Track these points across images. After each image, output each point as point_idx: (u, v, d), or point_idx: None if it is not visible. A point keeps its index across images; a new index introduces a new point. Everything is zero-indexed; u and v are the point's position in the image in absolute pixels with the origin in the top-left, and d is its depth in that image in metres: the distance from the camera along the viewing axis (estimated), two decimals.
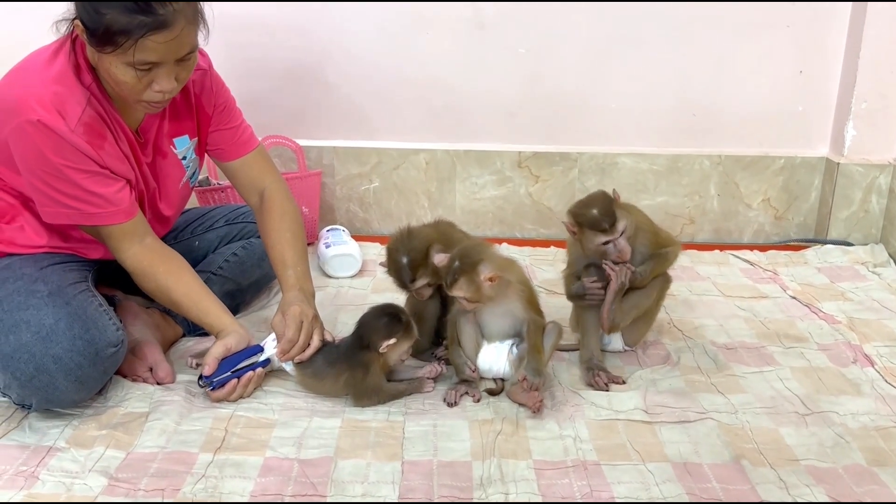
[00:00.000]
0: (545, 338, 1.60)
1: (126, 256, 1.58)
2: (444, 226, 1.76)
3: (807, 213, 2.66)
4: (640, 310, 1.71)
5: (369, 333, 1.55)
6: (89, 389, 1.46)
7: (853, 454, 1.40)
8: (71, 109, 1.44)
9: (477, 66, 2.55)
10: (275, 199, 1.77)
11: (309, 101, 2.59)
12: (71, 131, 1.43)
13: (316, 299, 1.67)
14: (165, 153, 1.69)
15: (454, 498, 1.27)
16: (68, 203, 1.49)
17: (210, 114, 1.74)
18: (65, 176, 1.46)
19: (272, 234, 1.74)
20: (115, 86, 1.46)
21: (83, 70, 1.48)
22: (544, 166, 2.62)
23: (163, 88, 1.44)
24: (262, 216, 1.77)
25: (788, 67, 2.54)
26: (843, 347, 1.82)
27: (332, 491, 1.29)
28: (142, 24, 1.34)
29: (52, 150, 1.43)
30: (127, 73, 1.41)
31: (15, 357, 1.39)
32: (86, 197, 1.49)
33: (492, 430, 1.46)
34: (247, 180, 1.80)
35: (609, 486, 1.30)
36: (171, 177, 1.72)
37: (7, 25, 2.44)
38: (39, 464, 1.34)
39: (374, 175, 2.64)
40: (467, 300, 1.54)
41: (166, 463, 1.35)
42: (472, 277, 1.51)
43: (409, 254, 1.62)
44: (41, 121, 1.40)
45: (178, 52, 1.42)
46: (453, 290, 1.53)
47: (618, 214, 1.61)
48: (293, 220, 1.77)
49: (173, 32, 1.37)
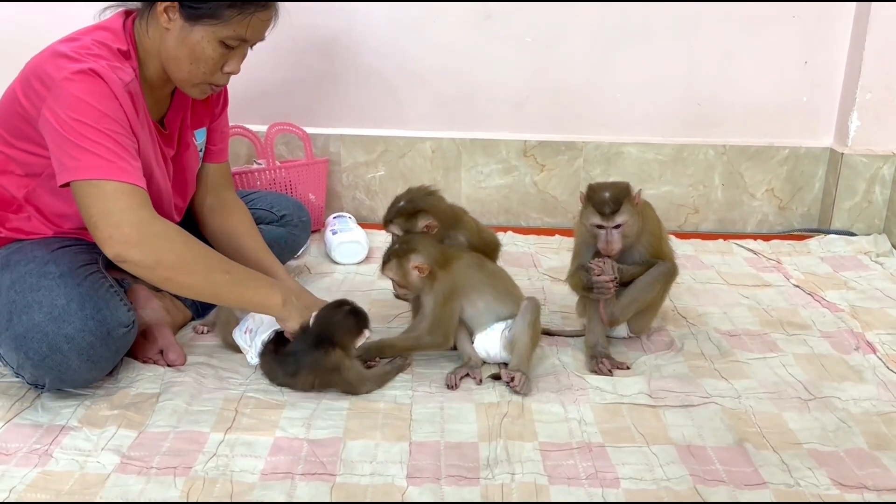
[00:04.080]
0: (521, 317, 1.62)
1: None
2: (458, 210, 1.77)
3: (810, 204, 2.67)
4: (642, 303, 1.71)
5: (339, 335, 1.52)
6: (101, 369, 1.48)
7: (855, 438, 1.42)
8: (121, 75, 1.46)
9: (484, 56, 2.56)
10: (239, 204, 1.86)
11: (316, 89, 2.60)
12: (122, 87, 1.44)
13: (323, 285, 1.70)
14: (188, 144, 1.73)
15: (461, 477, 1.29)
16: (97, 151, 1.39)
17: (217, 111, 1.80)
18: (101, 126, 1.39)
19: (243, 228, 1.81)
20: (189, 63, 1.51)
21: (131, 55, 1.52)
22: (550, 155, 2.63)
23: (233, 69, 1.55)
24: (226, 214, 1.83)
25: (793, 58, 2.55)
26: (845, 335, 1.83)
27: (342, 470, 1.31)
28: (253, 1, 1.48)
29: (97, 97, 1.40)
30: (216, 49, 1.50)
31: (28, 337, 1.40)
32: (114, 148, 1.41)
33: (498, 413, 1.48)
34: (214, 183, 1.85)
35: (614, 468, 1.32)
36: (190, 168, 1.76)
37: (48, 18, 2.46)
38: (53, 442, 1.36)
39: (381, 163, 2.66)
40: (397, 284, 1.62)
41: (178, 442, 1.37)
42: (402, 263, 1.59)
43: (408, 203, 1.68)
44: (95, 70, 1.40)
45: (263, 33, 1.55)
46: (384, 271, 1.62)
47: (623, 209, 1.61)
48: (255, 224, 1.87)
49: (270, 13, 1.53)
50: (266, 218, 2.03)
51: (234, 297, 1.54)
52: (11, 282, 1.48)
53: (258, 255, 1.77)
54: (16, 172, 1.55)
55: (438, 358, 1.70)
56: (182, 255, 1.43)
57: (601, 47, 2.55)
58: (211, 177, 1.84)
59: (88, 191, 1.38)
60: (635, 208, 1.64)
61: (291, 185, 2.43)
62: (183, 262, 1.43)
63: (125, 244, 1.37)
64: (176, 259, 1.42)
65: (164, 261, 1.41)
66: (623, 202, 1.62)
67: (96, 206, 1.38)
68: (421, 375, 1.63)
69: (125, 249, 1.38)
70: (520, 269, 2.25)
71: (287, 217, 2.09)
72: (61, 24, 1.63)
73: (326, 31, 2.52)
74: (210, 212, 1.83)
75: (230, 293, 1.51)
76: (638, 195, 1.65)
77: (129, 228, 1.37)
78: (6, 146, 1.53)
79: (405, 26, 2.53)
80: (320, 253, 2.36)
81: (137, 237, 1.38)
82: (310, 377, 1.52)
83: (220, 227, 1.82)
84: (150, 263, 1.40)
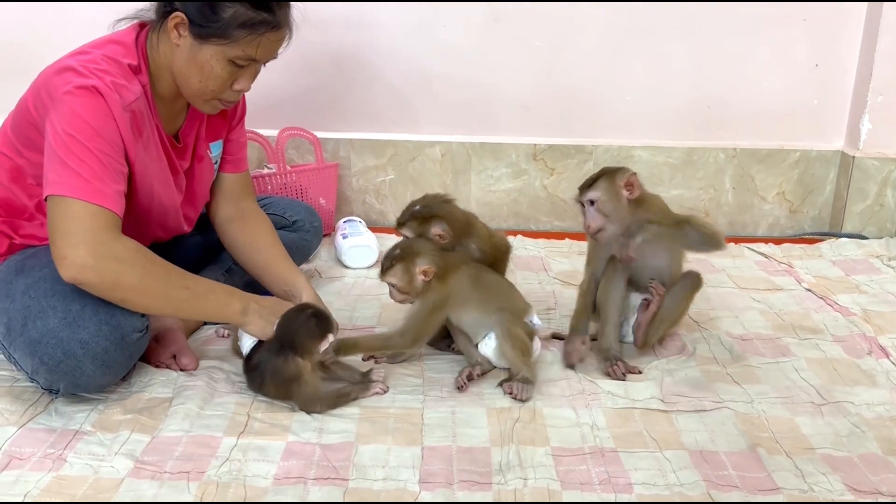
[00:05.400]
0: (497, 333, 1.61)
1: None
2: (471, 216, 1.77)
3: (822, 207, 2.66)
4: (671, 322, 1.74)
5: (302, 340, 1.48)
6: (115, 374, 1.49)
7: (868, 443, 1.41)
8: (125, 94, 1.46)
9: (492, 60, 2.56)
10: (259, 214, 1.86)
11: (326, 94, 2.60)
12: (122, 107, 1.44)
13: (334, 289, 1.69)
14: (202, 157, 1.73)
15: (473, 482, 1.29)
16: (79, 170, 1.38)
17: (233, 123, 1.80)
18: (91, 144, 1.39)
19: (262, 238, 1.80)
20: (198, 81, 1.51)
21: (141, 70, 1.52)
22: (559, 159, 2.63)
23: (243, 87, 1.55)
24: (244, 224, 1.82)
25: (804, 61, 2.55)
26: (858, 339, 1.83)
27: (354, 475, 1.31)
28: (264, 22, 1.47)
29: (94, 115, 1.40)
30: (225, 68, 1.50)
31: (43, 342, 1.41)
32: (98, 169, 1.40)
33: (509, 418, 1.48)
34: (231, 193, 1.84)
35: (626, 473, 1.32)
36: (202, 180, 1.76)
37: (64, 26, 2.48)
38: (66, 447, 1.37)
39: (390, 167, 2.66)
40: (398, 290, 1.59)
41: (191, 446, 1.37)
42: (408, 267, 1.57)
43: (424, 207, 1.68)
44: (96, 87, 1.41)
45: (274, 53, 1.55)
46: (386, 276, 1.58)
47: (599, 185, 1.63)
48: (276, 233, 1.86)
49: (282, 34, 1.53)
50: (278, 223, 2.03)
51: (195, 312, 1.56)
52: (26, 287, 1.48)
53: (277, 265, 1.77)
54: (27, 181, 1.56)
55: (449, 362, 1.70)
56: (140, 276, 1.42)
57: (610, 50, 2.55)
58: (228, 187, 1.84)
59: (58, 207, 1.38)
60: (617, 189, 1.63)
61: (302, 189, 2.44)
62: (141, 283, 1.42)
63: (80, 267, 1.36)
64: (135, 281, 1.41)
65: (122, 283, 1.40)
66: (600, 180, 1.64)
67: (59, 225, 1.38)
68: (431, 380, 1.63)
69: (80, 272, 1.36)
70: (530, 272, 2.25)
71: (299, 222, 2.10)
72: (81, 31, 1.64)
73: (336, 37, 2.53)
74: (228, 221, 1.83)
75: (190, 309, 1.52)
76: (629, 178, 1.63)
77: (84, 250, 1.36)
78: (17, 155, 1.54)
79: (413, 30, 2.53)
80: (331, 257, 2.37)
81: (93, 260, 1.36)
82: (272, 387, 1.50)
83: (238, 237, 1.81)
84: (108, 285, 1.39)
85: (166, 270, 1.47)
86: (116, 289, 1.41)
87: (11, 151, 1.55)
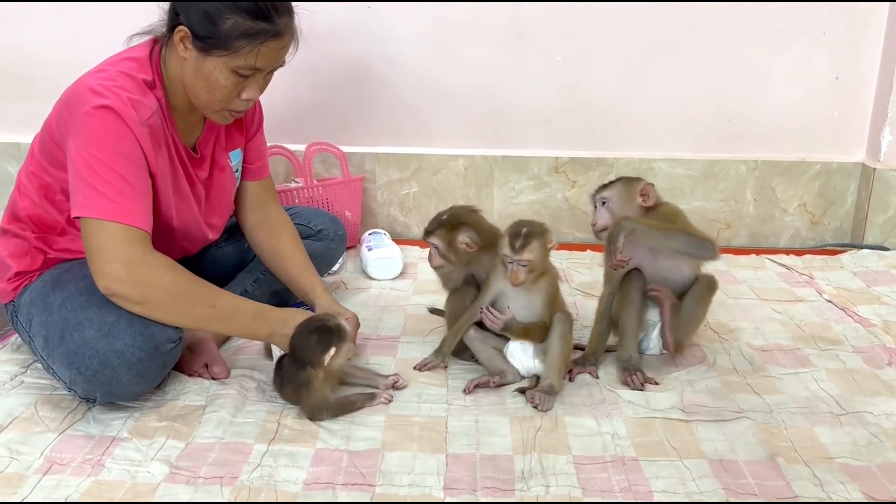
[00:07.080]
0: (554, 330, 1.64)
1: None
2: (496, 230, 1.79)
3: (843, 218, 2.67)
4: (696, 323, 1.77)
5: (306, 355, 1.53)
6: (150, 383, 1.54)
7: (887, 453, 1.43)
8: (141, 110, 1.51)
9: (515, 74, 2.60)
10: (284, 220, 1.91)
11: (352, 109, 2.66)
12: (139, 125, 1.49)
13: (359, 300, 1.73)
14: (223, 167, 1.78)
15: (497, 489, 1.33)
16: (105, 191, 1.45)
17: (252, 131, 1.84)
18: (114, 164, 1.45)
19: (286, 246, 1.87)
20: (205, 92, 1.55)
21: (156, 84, 1.57)
22: (581, 171, 2.67)
23: (250, 97, 1.58)
24: (270, 230, 1.89)
25: (824, 74, 2.56)
26: (878, 350, 1.84)
27: (381, 481, 1.35)
28: (263, 31, 1.50)
29: (113, 135, 1.46)
30: (229, 78, 1.53)
31: (80, 353, 1.46)
32: (123, 188, 1.46)
33: (532, 427, 1.51)
34: (255, 200, 1.91)
35: (647, 481, 1.35)
36: (226, 190, 1.81)
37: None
38: (104, 453, 1.42)
39: (414, 180, 2.71)
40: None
41: (224, 452, 1.42)
42: (544, 244, 1.62)
43: (452, 216, 1.73)
44: (113, 107, 1.46)
45: (278, 61, 1.57)
46: (523, 253, 1.59)
47: (615, 190, 1.73)
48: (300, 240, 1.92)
49: (283, 42, 1.55)
50: (304, 233, 2.08)
51: (219, 329, 1.69)
52: (62, 300, 1.54)
53: (298, 273, 1.83)
54: (56, 197, 1.61)
55: (472, 372, 1.74)
56: (168, 291, 1.48)
57: (631, 64, 2.58)
58: (251, 194, 1.90)
59: (91, 227, 1.46)
60: (631, 194, 1.72)
61: (328, 202, 2.49)
62: (168, 298, 1.48)
63: (115, 279, 1.44)
64: (161, 295, 1.48)
65: (149, 297, 1.47)
66: (617, 182, 1.74)
67: (95, 242, 1.45)
68: (455, 389, 1.67)
69: (114, 283, 1.44)
70: None
71: (324, 231, 2.15)
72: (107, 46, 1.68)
73: (362, 54, 2.58)
74: (254, 229, 1.89)
75: (215, 326, 1.62)
76: (644, 187, 1.72)
77: (119, 265, 1.44)
78: (44, 173, 1.60)
79: (437, 46, 2.58)
80: (356, 269, 2.41)
81: (126, 274, 1.44)
82: (288, 390, 1.57)
83: (265, 244, 1.88)
84: (137, 299, 1.46)
85: (195, 287, 1.53)
86: (145, 301, 1.47)
87: (39, 170, 1.61)
